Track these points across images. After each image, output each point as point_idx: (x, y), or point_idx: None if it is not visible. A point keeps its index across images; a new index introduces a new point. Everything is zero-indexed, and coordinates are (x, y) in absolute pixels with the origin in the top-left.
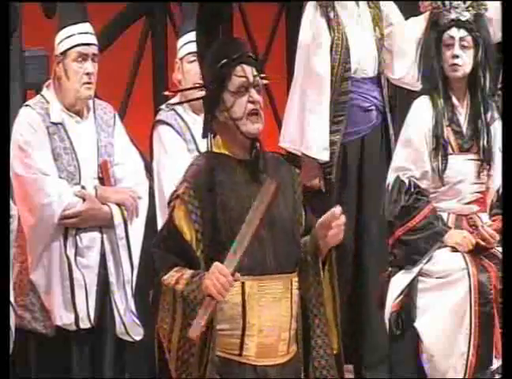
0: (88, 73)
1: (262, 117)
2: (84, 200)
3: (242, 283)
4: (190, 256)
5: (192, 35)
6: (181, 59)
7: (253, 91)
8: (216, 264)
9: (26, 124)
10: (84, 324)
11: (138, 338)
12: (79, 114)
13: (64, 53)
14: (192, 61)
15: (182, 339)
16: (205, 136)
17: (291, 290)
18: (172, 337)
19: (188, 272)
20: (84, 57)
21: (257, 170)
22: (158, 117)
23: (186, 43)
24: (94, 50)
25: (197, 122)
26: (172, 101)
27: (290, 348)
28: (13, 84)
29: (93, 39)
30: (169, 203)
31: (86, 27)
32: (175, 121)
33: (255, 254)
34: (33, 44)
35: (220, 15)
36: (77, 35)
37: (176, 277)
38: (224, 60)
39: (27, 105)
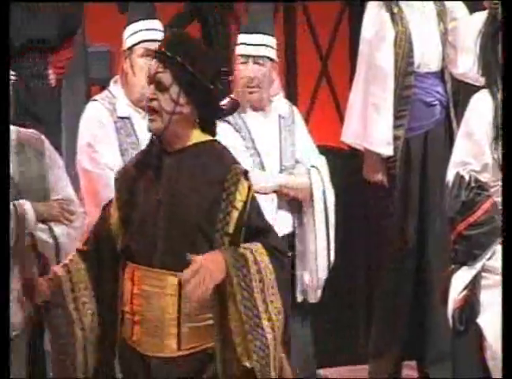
0: None
1: (162, 115)
2: None
3: (133, 271)
4: (111, 244)
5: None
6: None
7: (151, 88)
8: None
9: (94, 119)
10: None
11: None
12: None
13: (130, 48)
14: (243, 63)
15: None
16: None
17: (179, 287)
18: None
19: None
20: (150, 53)
21: (158, 167)
22: None
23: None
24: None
25: (254, 119)
26: None
27: (185, 345)
28: (77, 79)
29: (160, 36)
30: None
31: (154, 23)
32: (231, 117)
33: (145, 246)
34: (97, 40)
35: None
36: (144, 31)
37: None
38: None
39: (94, 100)
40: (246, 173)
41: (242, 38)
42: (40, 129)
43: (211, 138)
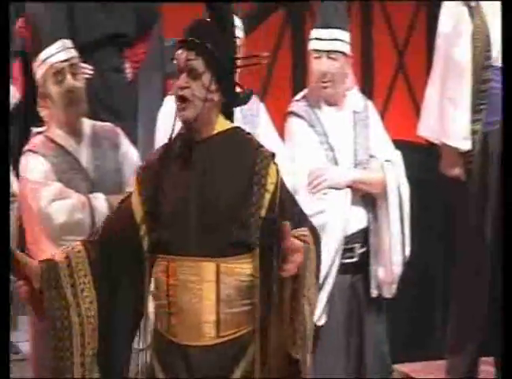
0: None
1: (195, 103)
2: None
3: (168, 262)
4: (131, 239)
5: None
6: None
7: (182, 77)
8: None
9: (172, 113)
10: None
11: None
12: None
13: None
14: (316, 58)
15: None
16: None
17: (217, 273)
18: None
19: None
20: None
21: (188, 156)
22: (290, 108)
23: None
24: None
25: (328, 114)
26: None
27: (223, 332)
28: (153, 73)
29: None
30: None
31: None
32: (305, 112)
33: (180, 236)
34: (173, 34)
35: None
36: None
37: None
38: (175, 41)
39: (172, 94)
40: (273, 156)
41: (315, 33)
42: (117, 124)
43: (234, 125)
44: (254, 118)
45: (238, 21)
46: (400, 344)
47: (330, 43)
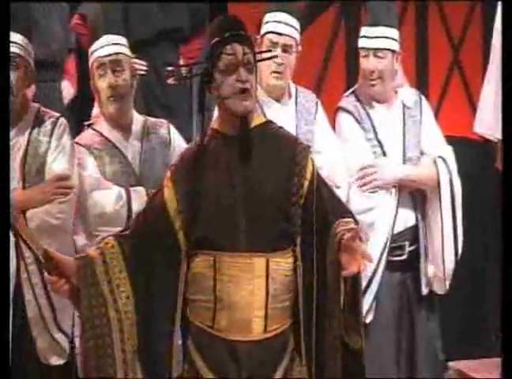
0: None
1: (253, 95)
2: None
3: (214, 258)
4: (165, 234)
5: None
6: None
7: (241, 70)
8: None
9: None
10: None
11: None
12: (278, 100)
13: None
14: (364, 56)
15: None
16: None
17: (267, 268)
18: None
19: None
20: (274, 45)
21: (245, 147)
22: (339, 104)
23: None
24: (286, 40)
25: (378, 111)
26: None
27: (270, 327)
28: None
29: (285, 29)
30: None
31: (282, 16)
32: (355, 108)
33: (227, 232)
34: None
35: None
36: (270, 23)
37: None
38: (216, 39)
39: None
40: (309, 147)
41: (363, 31)
42: (171, 120)
43: (266, 119)
44: (309, 115)
45: (294, 22)
46: (453, 341)
47: (377, 40)
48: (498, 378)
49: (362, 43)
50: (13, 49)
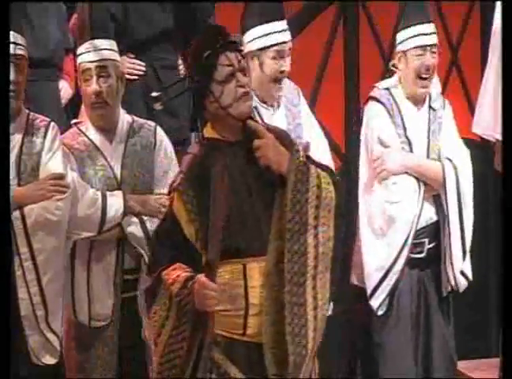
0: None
1: (251, 94)
2: None
3: (244, 265)
4: (189, 248)
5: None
6: (404, 52)
7: (240, 76)
8: (198, 278)
9: None
10: None
11: None
12: (271, 105)
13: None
14: (419, 55)
15: (171, 338)
16: (193, 130)
17: None
18: (162, 332)
19: (184, 275)
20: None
21: (250, 150)
22: (371, 93)
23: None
24: (288, 46)
25: (408, 108)
26: None
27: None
28: None
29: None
30: (169, 194)
31: (269, 27)
32: (387, 101)
33: (253, 235)
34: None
35: None
36: (276, 34)
37: (173, 277)
38: (207, 51)
39: None
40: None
41: (419, 29)
42: (172, 121)
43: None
44: (295, 107)
45: (283, 25)
46: (457, 341)
47: (432, 37)
48: (497, 378)
49: (419, 41)
50: (18, 51)
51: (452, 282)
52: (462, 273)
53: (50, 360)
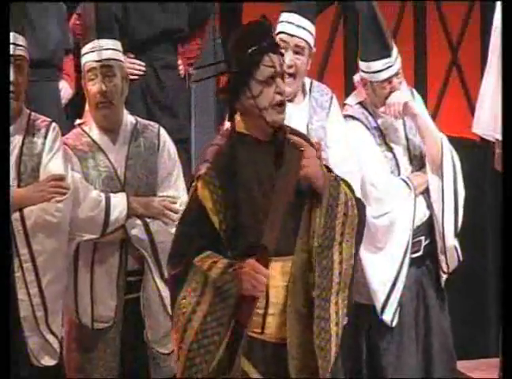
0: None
1: (286, 105)
2: None
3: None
4: (216, 237)
5: None
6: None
7: (280, 82)
8: (249, 261)
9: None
10: None
11: None
12: (291, 100)
13: None
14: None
15: (205, 324)
16: (230, 119)
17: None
18: (193, 318)
19: (222, 262)
20: (286, 45)
21: (279, 154)
22: (344, 112)
23: None
24: (297, 41)
25: (381, 115)
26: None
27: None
28: (207, 71)
29: (297, 31)
30: (191, 184)
31: (295, 18)
32: (362, 114)
33: (280, 236)
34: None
35: None
36: (283, 23)
37: (209, 263)
38: (253, 47)
39: None
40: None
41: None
42: (171, 121)
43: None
44: (323, 110)
45: (308, 24)
46: (456, 340)
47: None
48: (497, 378)
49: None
50: (18, 52)
51: (443, 263)
52: (456, 249)
53: (49, 361)
